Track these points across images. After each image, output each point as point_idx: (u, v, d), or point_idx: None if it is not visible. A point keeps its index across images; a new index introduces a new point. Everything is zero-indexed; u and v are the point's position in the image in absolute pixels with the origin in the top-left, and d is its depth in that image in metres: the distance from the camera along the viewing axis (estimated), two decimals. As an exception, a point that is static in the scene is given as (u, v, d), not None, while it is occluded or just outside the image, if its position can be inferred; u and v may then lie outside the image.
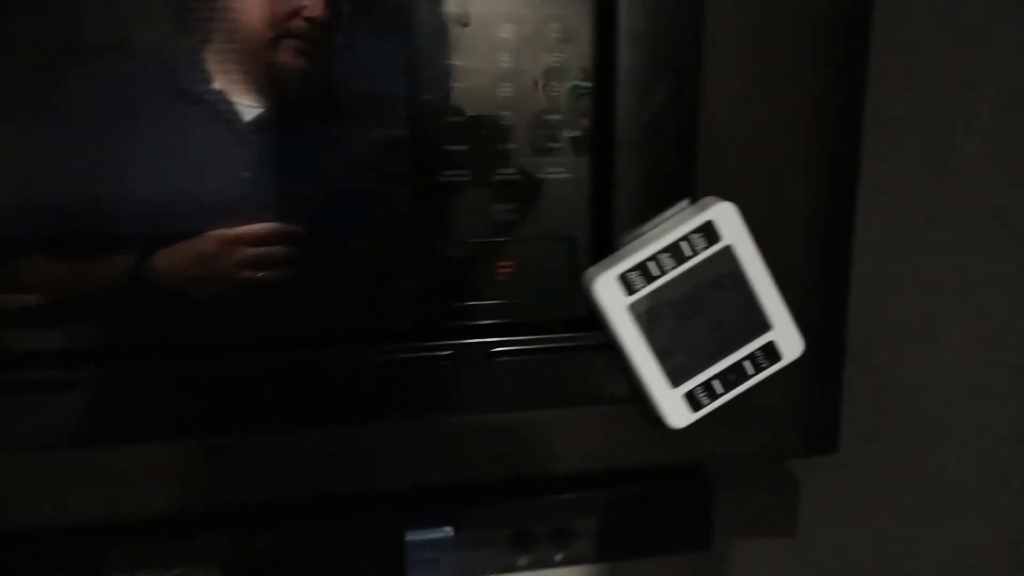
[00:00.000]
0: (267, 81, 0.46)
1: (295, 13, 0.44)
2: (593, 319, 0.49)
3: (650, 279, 0.48)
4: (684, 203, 0.49)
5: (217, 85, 0.45)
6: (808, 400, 0.54)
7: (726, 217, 0.48)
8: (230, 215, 0.46)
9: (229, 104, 0.45)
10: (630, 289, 0.48)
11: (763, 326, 0.50)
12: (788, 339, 0.50)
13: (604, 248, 0.49)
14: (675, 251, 0.48)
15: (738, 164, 0.50)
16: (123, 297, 0.46)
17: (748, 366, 0.50)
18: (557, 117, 0.47)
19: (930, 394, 0.46)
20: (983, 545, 0.44)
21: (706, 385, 0.50)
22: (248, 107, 0.46)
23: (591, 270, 0.48)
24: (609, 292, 0.47)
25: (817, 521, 0.59)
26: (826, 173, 0.50)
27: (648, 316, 0.48)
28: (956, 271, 0.44)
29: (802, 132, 0.50)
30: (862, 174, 0.50)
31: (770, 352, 0.50)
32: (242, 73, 0.45)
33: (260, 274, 0.47)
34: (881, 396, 0.51)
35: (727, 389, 0.51)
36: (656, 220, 0.49)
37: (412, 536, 0.52)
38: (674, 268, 0.48)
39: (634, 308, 0.48)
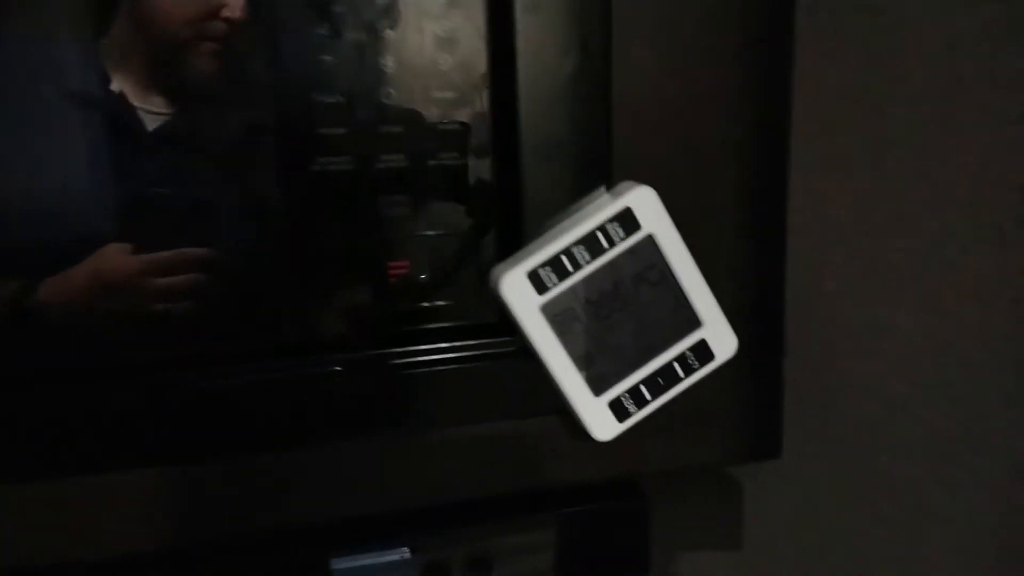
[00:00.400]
0: (176, 85, 0.40)
1: (213, 13, 0.39)
2: (505, 323, 0.44)
3: (564, 275, 0.42)
4: (600, 190, 0.44)
5: (115, 87, 0.39)
6: (747, 403, 0.49)
7: (645, 203, 0.43)
8: (127, 234, 0.40)
9: (130, 110, 0.39)
10: (542, 288, 0.42)
11: (692, 323, 0.45)
12: (720, 337, 0.45)
13: (512, 243, 0.44)
14: (590, 243, 0.42)
15: (658, 145, 0.45)
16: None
17: (678, 368, 0.45)
18: (450, 95, 0.42)
19: (878, 391, 0.42)
20: (939, 556, 0.39)
21: (633, 392, 0.45)
22: (152, 114, 0.39)
23: (497, 268, 0.43)
24: (518, 292, 0.42)
25: (763, 531, 0.54)
26: (754, 153, 0.46)
27: (564, 318, 0.43)
28: (900, 255, 0.39)
29: (726, 109, 0.45)
30: (792, 153, 0.46)
31: (702, 352, 0.45)
32: (146, 75, 0.39)
33: (167, 304, 0.40)
34: (825, 395, 0.46)
35: (656, 395, 0.45)
36: (570, 210, 0.44)
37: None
38: (590, 262, 0.42)
39: (548, 309, 0.42)
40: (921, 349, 0.38)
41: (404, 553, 0.47)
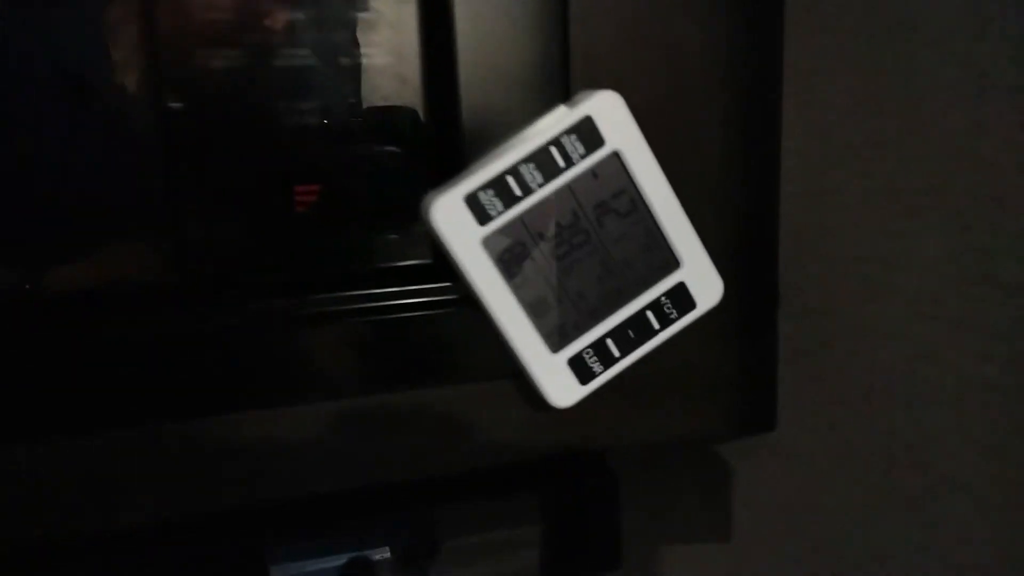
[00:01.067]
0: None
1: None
2: (442, 264, 0.36)
3: (511, 202, 0.34)
4: (560, 108, 0.36)
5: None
6: (734, 363, 0.42)
7: (609, 111, 0.35)
8: None
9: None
10: (483, 216, 0.34)
11: (669, 263, 0.37)
12: (703, 280, 0.38)
13: (452, 165, 0.36)
14: (543, 162, 0.34)
15: (626, 49, 0.37)
16: None
17: (652, 318, 0.38)
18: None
19: (893, 340, 0.34)
20: (960, 529, 0.32)
21: (598, 347, 0.37)
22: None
23: (430, 194, 0.35)
24: (453, 221, 0.34)
25: (757, 518, 0.46)
26: (741, 57, 0.38)
27: (511, 255, 0.35)
28: (920, 170, 0.32)
29: (707, 5, 0.38)
30: (786, 60, 0.38)
31: (680, 298, 0.38)
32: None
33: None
34: (826, 351, 0.38)
35: (626, 351, 0.37)
36: (524, 133, 0.36)
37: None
38: (543, 185, 0.35)
39: (491, 243, 0.35)
40: (947, 280, 0.30)
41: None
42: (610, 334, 0.37)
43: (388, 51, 0.35)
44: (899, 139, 0.32)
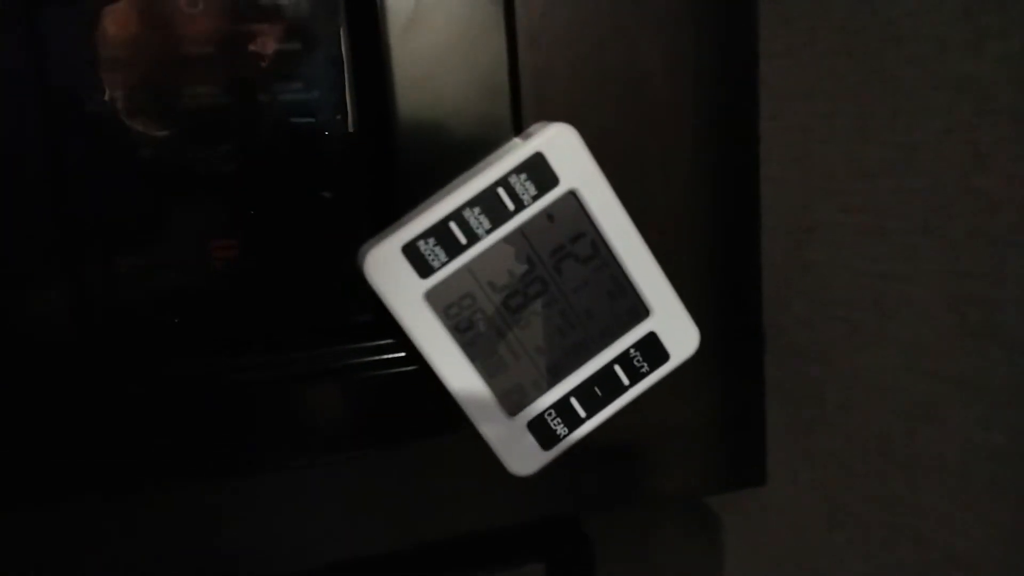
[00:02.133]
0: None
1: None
2: (386, 320, 0.32)
3: (455, 251, 0.31)
4: (514, 141, 0.33)
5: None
6: (717, 416, 0.38)
7: (562, 146, 0.31)
8: None
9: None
10: (424, 268, 0.30)
11: (638, 311, 0.33)
12: (676, 328, 0.34)
13: (393, 210, 0.32)
14: (489, 204, 0.31)
15: (582, 77, 0.34)
16: None
17: (621, 373, 0.34)
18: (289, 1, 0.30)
19: (888, 391, 0.30)
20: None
21: (561, 407, 0.33)
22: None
23: (366, 244, 0.31)
24: (391, 274, 0.30)
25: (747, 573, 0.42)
26: (713, 81, 0.35)
27: (459, 308, 0.31)
28: (911, 200, 0.28)
29: (673, 25, 0.34)
30: (763, 78, 0.35)
31: (652, 349, 0.34)
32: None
33: None
34: (816, 401, 0.35)
35: (593, 411, 0.34)
36: (473, 170, 0.32)
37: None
38: (492, 231, 0.31)
39: (435, 297, 0.31)
40: (947, 333, 0.27)
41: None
42: (574, 392, 0.33)
43: (316, 86, 0.31)
44: (887, 171, 0.28)
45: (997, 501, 0.26)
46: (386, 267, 0.30)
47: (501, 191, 0.31)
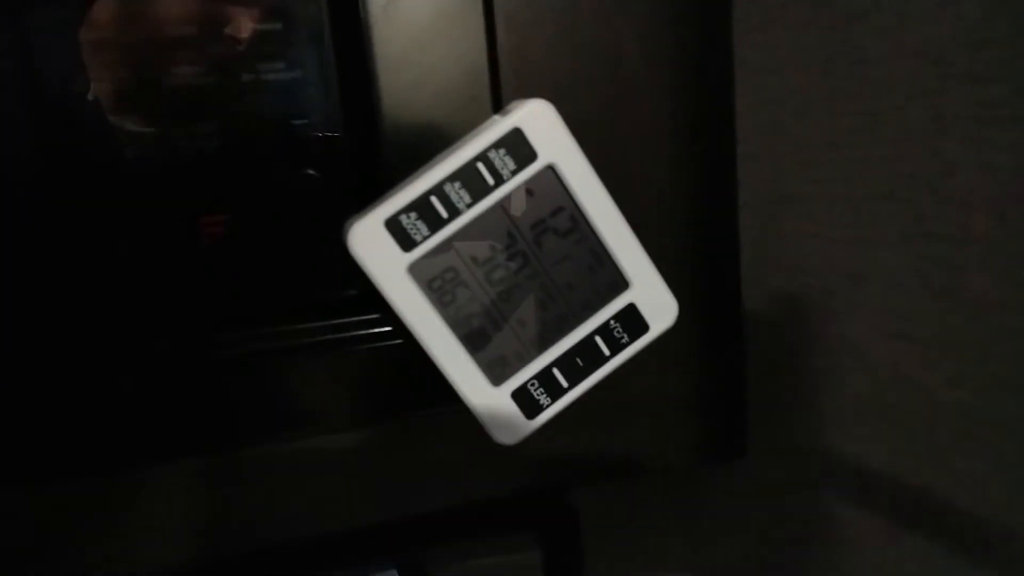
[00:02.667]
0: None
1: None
2: (372, 294, 0.33)
3: (437, 225, 0.31)
4: (494, 118, 0.34)
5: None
6: (698, 387, 0.39)
7: (540, 122, 0.32)
8: None
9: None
10: (407, 242, 0.31)
11: (617, 284, 0.34)
12: (655, 300, 0.35)
13: (377, 187, 0.33)
14: (469, 179, 0.31)
15: (559, 55, 0.34)
16: None
17: (602, 344, 0.34)
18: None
19: (861, 359, 0.31)
20: (934, 571, 0.29)
21: (543, 378, 0.34)
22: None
23: (350, 219, 0.32)
24: (375, 248, 0.31)
25: (731, 550, 0.43)
26: (688, 55, 0.35)
27: (442, 281, 0.32)
28: (882, 170, 0.29)
29: (649, 2, 0.35)
30: (737, 54, 0.35)
31: (631, 321, 0.35)
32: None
33: None
34: (794, 372, 0.35)
35: (575, 381, 0.34)
36: (453, 147, 0.33)
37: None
38: (472, 205, 0.32)
39: (418, 271, 0.32)
40: (913, 295, 0.27)
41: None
42: (556, 363, 0.34)
43: (299, 65, 0.32)
44: (854, 140, 0.29)
45: (964, 456, 0.27)
46: (369, 241, 0.31)
47: (481, 166, 0.31)
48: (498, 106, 0.34)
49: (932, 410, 0.28)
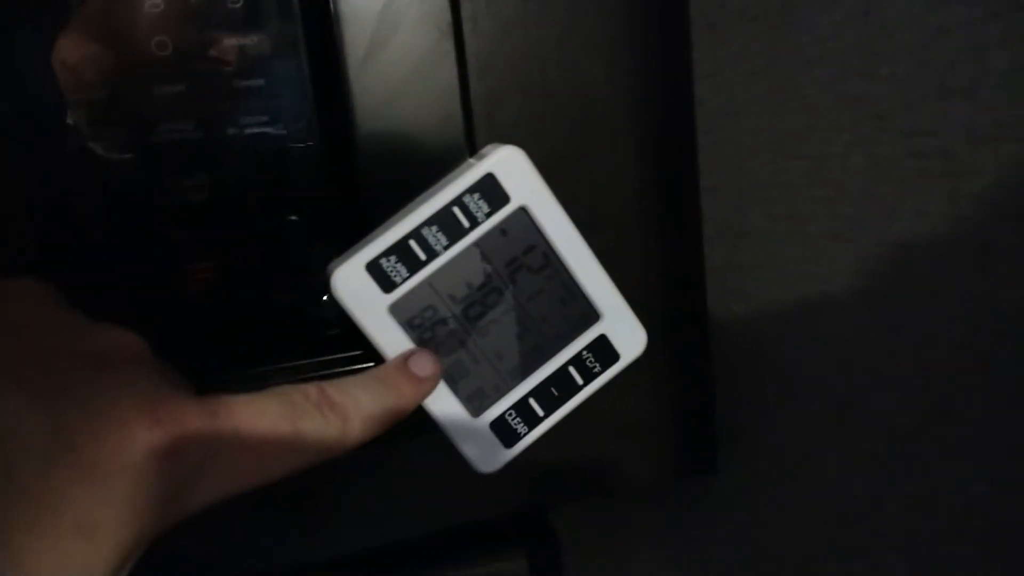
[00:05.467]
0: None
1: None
2: (354, 334, 0.34)
3: (415, 267, 0.33)
4: (468, 162, 0.35)
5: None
6: (669, 408, 0.41)
7: (512, 167, 0.34)
8: None
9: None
10: (387, 284, 0.33)
11: (589, 316, 0.36)
12: (625, 330, 0.37)
13: (355, 231, 0.35)
14: (446, 223, 0.33)
15: (530, 101, 0.36)
16: None
17: (575, 374, 0.36)
18: (253, 39, 0.32)
19: (812, 393, 0.33)
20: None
21: (521, 407, 0.36)
22: None
23: (332, 263, 0.33)
24: (356, 291, 0.33)
25: (704, 566, 0.45)
26: (652, 101, 0.37)
27: (422, 319, 0.34)
28: (824, 206, 0.31)
29: (611, 48, 0.37)
30: (697, 97, 0.37)
31: (603, 351, 0.36)
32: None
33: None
34: (756, 394, 0.37)
35: (551, 409, 0.36)
36: (430, 191, 0.35)
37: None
38: (449, 247, 0.33)
39: (399, 310, 0.33)
40: (861, 328, 0.29)
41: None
42: (532, 393, 0.36)
43: (279, 117, 0.34)
44: (803, 181, 0.31)
45: (911, 476, 0.29)
46: (351, 284, 0.32)
47: (456, 210, 0.33)
48: (473, 149, 0.36)
49: (880, 430, 0.30)
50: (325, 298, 0.36)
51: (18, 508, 0.21)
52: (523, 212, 0.34)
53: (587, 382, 0.36)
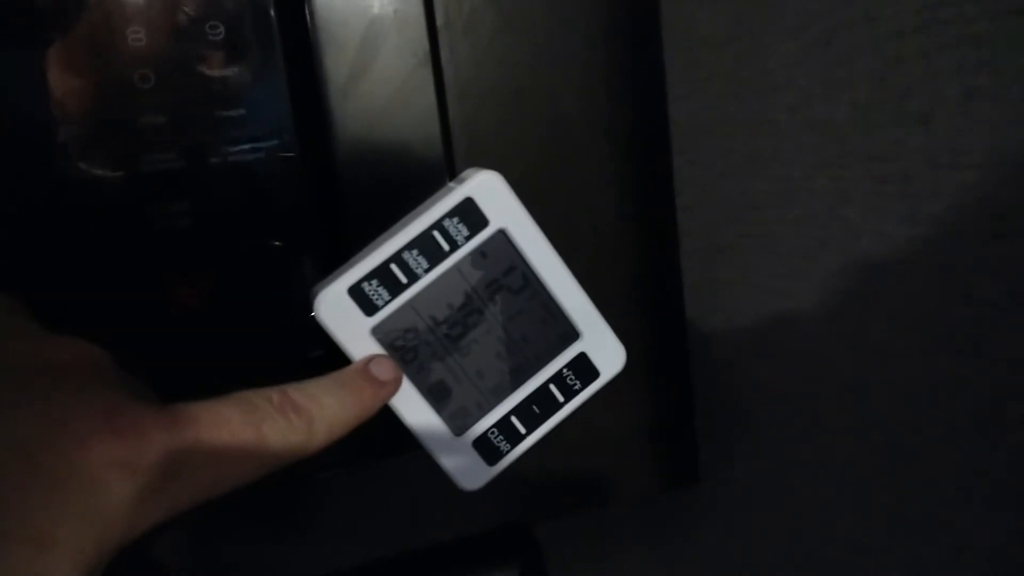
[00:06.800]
0: None
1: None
2: (337, 355, 0.35)
3: (397, 290, 0.34)
4: (448, 186, 0.36)
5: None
6: (651, 421, 0.41)
7: (490, 191, 0.34)
8: None
9: None
10: (369, 307, 0.33)
11: (568, 335, 0.37)
12: (605, 348, 0.37)
13: (338, 255, 0.35)
14: (426, 247, 0.34)
15: (508, 123, 0.37)
16: None
17: (556, 391, 0.37)
18: (232, 70, 0.33)
19: (785, 407, 0.34)
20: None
21: (503, 426, 0.37)
22: None
23: (315, 287, 0.34)
24: (339, 314, 0.33)
25: (687, 568, 0.46)
26: (627, 124, 0.38)
27: (404, 341, 0.34)
28: (797, 225, 0.32)
29: (586, 73, 0.38)
30: (672, 118, 0.38)
31: (583, 368, 0.37)
32: None
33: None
34: (733, 406, 0.38)
35: (533, 427, 0.37)
36: (411, 214, 0.35)
37: None
38: (430, 270, 0.34)
39: (381, 333, 0.34)
40: (829, 343, 0.30)
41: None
42: (514, 412, 0.37)
43: (261, 145, 0.34)
44: (772, 201, 0.32)
45: (882, 491, 0.30)
46: (334, 308, 0.33)
47: (436, 234, 0.34)
48: (452, 173, 0.37)
49: (851, 440, 0.31)
50: (308, 321, 0.37)
51: None
52: (502, 235, 0.35)
53: (568, 399, 0.37)
